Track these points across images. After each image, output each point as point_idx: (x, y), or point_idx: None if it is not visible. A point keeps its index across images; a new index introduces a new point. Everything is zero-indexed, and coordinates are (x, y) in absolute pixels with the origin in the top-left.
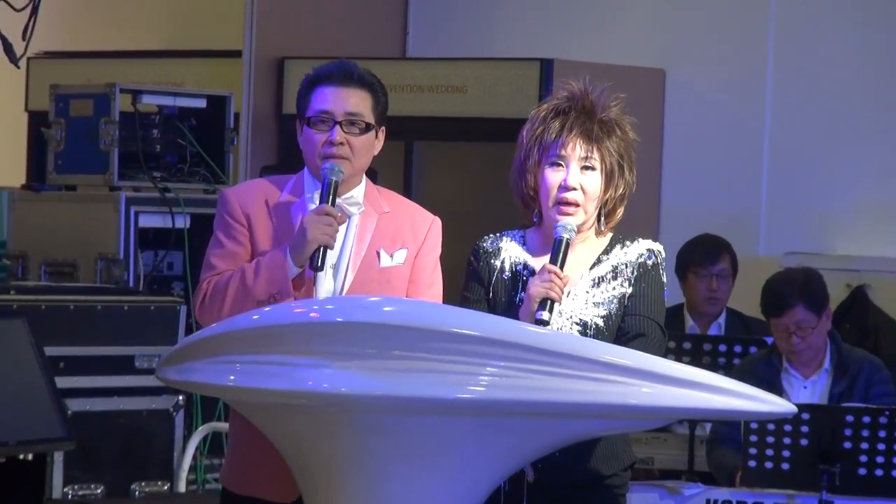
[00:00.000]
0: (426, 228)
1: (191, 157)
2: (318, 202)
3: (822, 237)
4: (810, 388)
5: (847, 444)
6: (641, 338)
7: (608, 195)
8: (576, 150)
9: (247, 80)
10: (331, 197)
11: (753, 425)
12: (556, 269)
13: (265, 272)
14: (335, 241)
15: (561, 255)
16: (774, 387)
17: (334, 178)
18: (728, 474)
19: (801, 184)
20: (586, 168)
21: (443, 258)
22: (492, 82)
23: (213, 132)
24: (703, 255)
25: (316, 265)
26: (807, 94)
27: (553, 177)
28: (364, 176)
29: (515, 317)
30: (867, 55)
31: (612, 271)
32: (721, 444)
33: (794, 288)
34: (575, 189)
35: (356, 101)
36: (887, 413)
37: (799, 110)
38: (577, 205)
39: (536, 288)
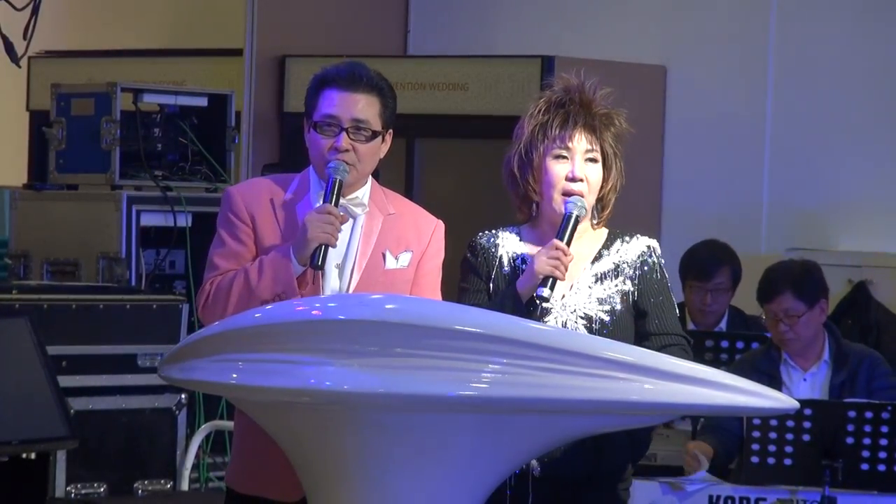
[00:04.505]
0: (430, 232)
1: (192, 156)
2: (322, 201)
3: (823, 233)
4: (810, 381)
5: (850, 440)
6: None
7: (606, 186)
8: (581, 142)
9: (248, 78)
10: (334, 196)
11: (756, 421)
12: (564, 246)
13: (269, 271)
14: (336, 239)
15: (569, 231)
16: (774, 379)
17: (339, 177)
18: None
19: (802, 180)
20: (589, 160)
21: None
22: (493, 79)
23: (214, 131)
24: (699, 270)
25: (316, 264)
26: (808, 91)
27: (558, 168)
28: (370, 177)
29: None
30: (868, 52)
31: (615, 269)
32: (709, 433)
33: (786, 275)
34: (581, 180)
35: (363, 107)
36: (890, 408)
37: (800, 106)
38: (582, 196)
39: (542, 264)
